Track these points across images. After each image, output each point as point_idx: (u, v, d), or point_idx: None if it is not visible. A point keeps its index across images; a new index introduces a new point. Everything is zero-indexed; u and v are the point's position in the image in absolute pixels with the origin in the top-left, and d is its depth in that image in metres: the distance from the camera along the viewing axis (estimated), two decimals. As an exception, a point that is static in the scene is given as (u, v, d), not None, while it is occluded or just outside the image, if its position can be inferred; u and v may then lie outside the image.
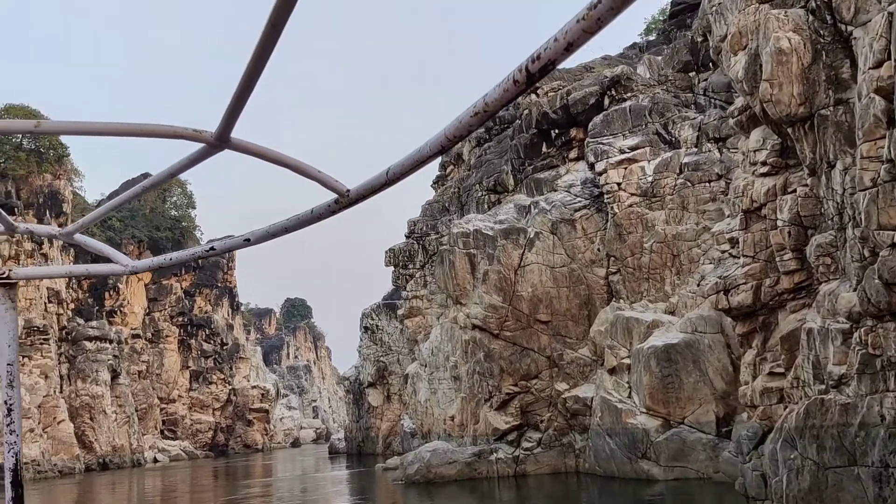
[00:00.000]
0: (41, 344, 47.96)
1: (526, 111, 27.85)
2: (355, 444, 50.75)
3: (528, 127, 27.25)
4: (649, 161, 22.87)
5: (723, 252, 15.58)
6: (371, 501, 23.16)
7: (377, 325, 47.26)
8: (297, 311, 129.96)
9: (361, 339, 48.66)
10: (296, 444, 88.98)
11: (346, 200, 1.63)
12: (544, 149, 26.76)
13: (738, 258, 13.86)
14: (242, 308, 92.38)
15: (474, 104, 1.20)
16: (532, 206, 25.07)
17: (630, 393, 20.39)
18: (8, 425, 2.33)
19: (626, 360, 20.71)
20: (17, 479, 2.31)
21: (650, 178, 22.59)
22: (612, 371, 21.08)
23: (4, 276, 2.38)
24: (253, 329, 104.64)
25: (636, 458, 19.78)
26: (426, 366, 32.75)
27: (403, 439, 37.71)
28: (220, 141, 1.53)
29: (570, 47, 1.03)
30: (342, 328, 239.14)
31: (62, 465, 44.60)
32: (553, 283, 24.12)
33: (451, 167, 37.41)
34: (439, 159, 40.18)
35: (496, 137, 32.14)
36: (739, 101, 13.74)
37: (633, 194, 22.80)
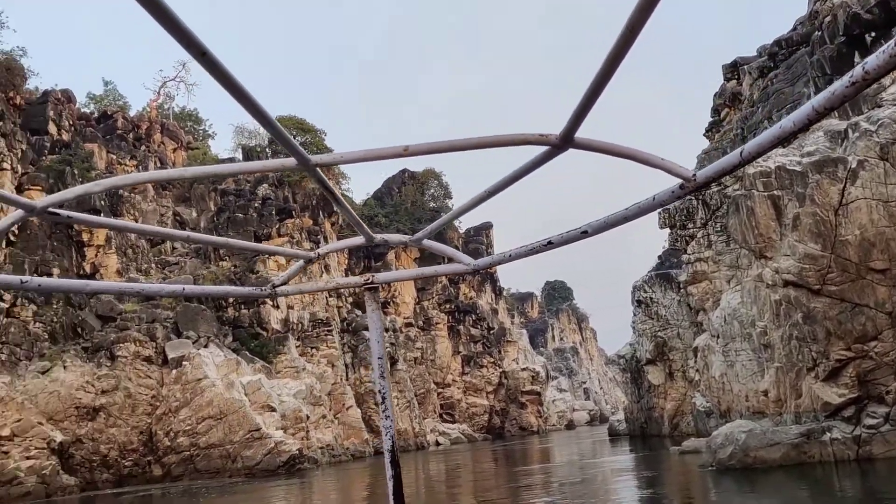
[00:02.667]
0: (325, 335, 50.53)
1: (828, 18, 22.93)
2: (637, 426, 47.50)
3: (833, 37, 22.37)
4: None
5: None
6: (685, 493, 20.01)
7: (651, 298, 43.60)
8: (557, 294, 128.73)
9: (634, 314, 45.25)
10: (570, 426, 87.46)
11: (691, 185, 1.59)
12: (857, 59, 21.75)
13: None
14: (504, 293, 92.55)
15: (850, 73, 1.11)
16: (850, 130, 20.34)
17: None
18: (383, 411, 2.52)
19: None
20: (394, 458, 2.47)
21: None
22: None
23: (370, 281, 2.65)
24: (516, 313, 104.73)
25: None
26: (718, 336, 28.78)
27: (697, 419, 33.92)
28: (565, 141, 1.57)
29: None
30: (605, 308, 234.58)
31: (354, 450, 46.48)
32: (888, 220, 19.28)
33: (727, 109, 32.86)
34: (711, 102, 35.73)
35: (783, 63, 27.25)
36: None
37: None
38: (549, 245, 2.08)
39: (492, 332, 75.28)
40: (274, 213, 54.35)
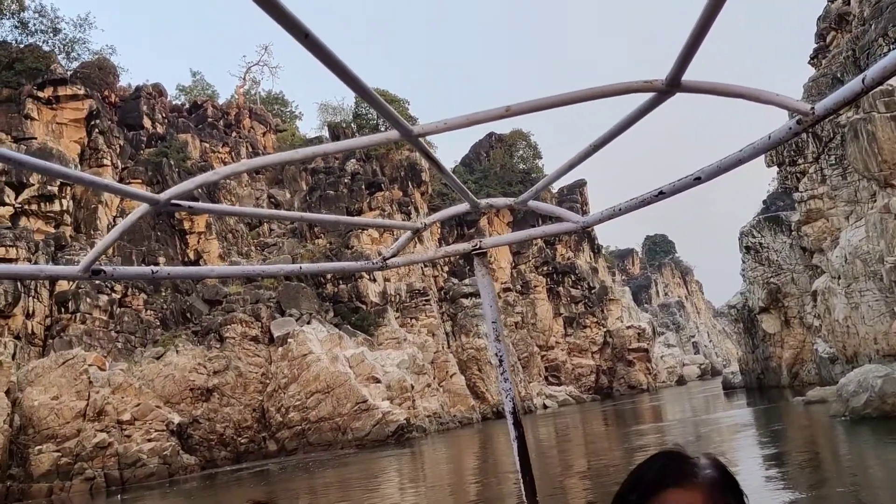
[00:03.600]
0: (424, 305, 50.50)
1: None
2: (753, 377, 45.41)
3: (958, -68, 19.94)
4: None
5: None
6: (817, 447, 18.55)
7: (760, 244, 41.27)
8: (659, 248, 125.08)
9: (743, 262, 42.99)
10: (681, 381, 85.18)
11: (810, 119, 1.52)
12: None
13: None
14: (603, 251, 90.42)
15: None
16: (985, 34, 18.10)
17: None
18: (501, 374, 2.60)
19: None
20: (517, 420, 2.54)
21: None
22: None
23: (477, 247, 2.66)
24: (616, 270, 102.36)
25: None
26: (839, 277, 26.78)
27: (820, 367, 31.95)
28: (671, 86, 1.53)
29: None
30: (709, 259, 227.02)
31: (461, 416, 46.40)
32: None
33: (833, 32, 30.26)
34: (814, 27, 33.03)
35: (898, -28, 24.64)
36: None
37: None
38: (661, 195, 2.00)
39: (593, 291, 73.68)
40: (363, 187, 54.49)
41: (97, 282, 38.92)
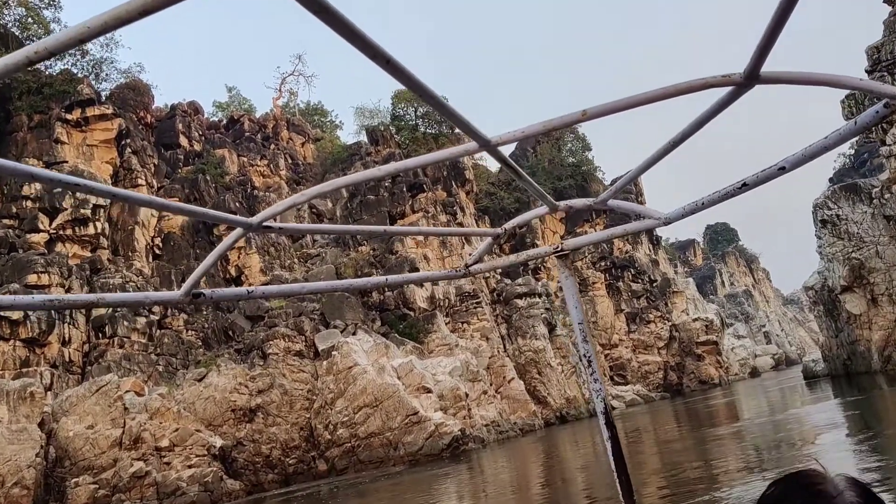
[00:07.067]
0: (475, 308, 47.99)
1: None
2: (838, 364, 41.69)
3: None
4: None
5: None
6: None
7: (838, 216, 37.69)
8: (721, 237, 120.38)
9: (819, 237, 39.40)
10: (754, 373, 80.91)
11: None
12: None
13: None
14: (663, 242, 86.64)
15: None
16: None
17: None
18: (591, 375, 2.64)
19: None
20: (609, 420, 2.53)
21: None
22: None
23: (559, 249, 2.74)
24: (678, 263, 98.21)
25: None
26: (939, 243, 23.40)
27: (920, 348, 28.37)
28: (750, 79, 1.51)
29: None
30: (773, 246, 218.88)
31: (522, 424, 43.69)
32: None
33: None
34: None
35: None
36: None
37: None
38: (744, 187, 2.01)
39: (654, 284, 70.16)
40: (405, 189, 52.41)
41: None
